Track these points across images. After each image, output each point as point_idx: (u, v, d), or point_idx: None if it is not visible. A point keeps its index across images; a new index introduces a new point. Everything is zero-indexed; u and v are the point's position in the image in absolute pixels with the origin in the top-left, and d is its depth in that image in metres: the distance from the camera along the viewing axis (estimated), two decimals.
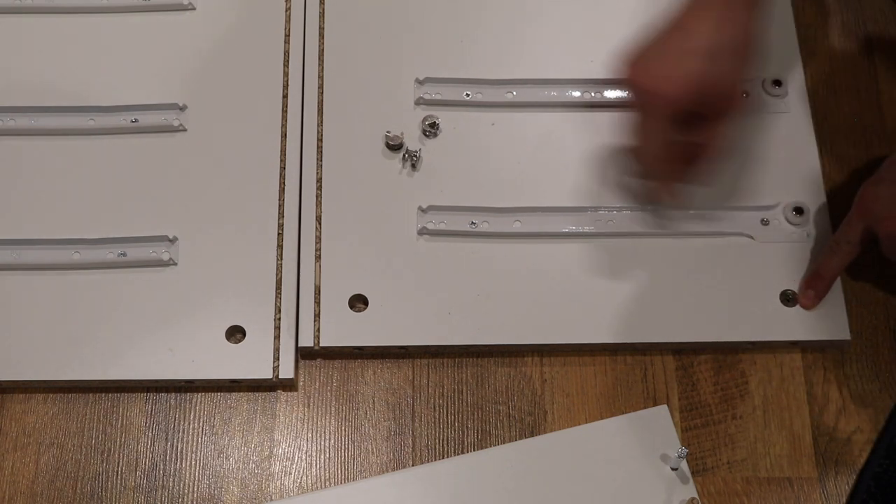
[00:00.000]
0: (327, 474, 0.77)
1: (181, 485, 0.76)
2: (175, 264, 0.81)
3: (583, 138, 0.86)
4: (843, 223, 0.79)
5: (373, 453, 0.77)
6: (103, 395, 0.79)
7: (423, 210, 0.83)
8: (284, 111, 0.86)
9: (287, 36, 0.89)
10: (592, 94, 0.87)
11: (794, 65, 0.89)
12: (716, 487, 0.77)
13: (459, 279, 0.81)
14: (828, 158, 0.86)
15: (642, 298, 0.80)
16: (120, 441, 0.77)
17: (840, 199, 0.84)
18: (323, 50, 0.89)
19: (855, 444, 0.78)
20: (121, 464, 0.77)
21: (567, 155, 0.85)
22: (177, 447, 0.77)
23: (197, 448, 0.77)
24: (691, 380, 0.80)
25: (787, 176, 0.85)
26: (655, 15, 0.90)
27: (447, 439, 0.78)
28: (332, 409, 0.79)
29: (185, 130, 0.86)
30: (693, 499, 0.75)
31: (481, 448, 0.77)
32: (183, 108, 0.86)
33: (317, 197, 0.83)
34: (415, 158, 0.83)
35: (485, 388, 0.79)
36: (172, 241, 0.81)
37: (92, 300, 0.80)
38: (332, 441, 0.78)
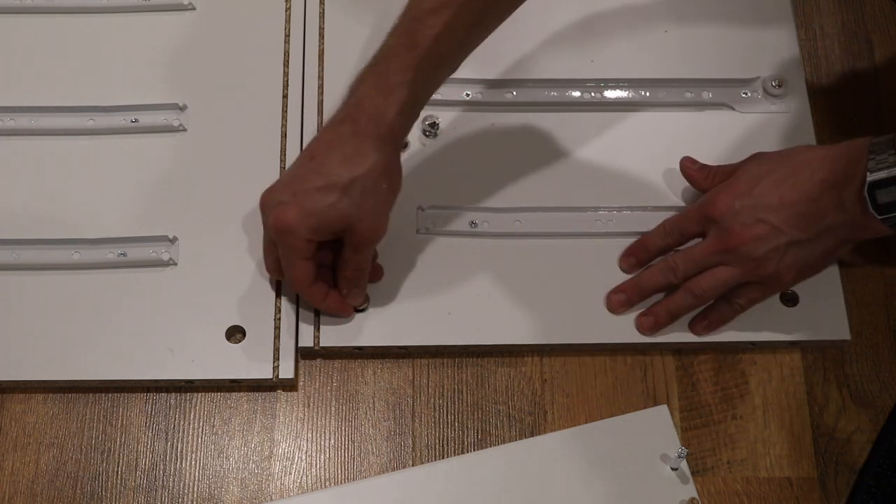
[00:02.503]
0: (327, 474, 0.77)
1: (181, 485, 0.76)
2: (175, 264, 0.81)
3: (583, 138, 0.86)
4: (683, 216, 0.79)
5: (373, 453, 0.77)
6: (103, 395, 0.79)
7: (423, 210, 0.83)
8: (284, 111, 0.86)
9: (287, 36, 0.89)
10: (592, 94, 0.87)
11: (794, 65, 0.89)
12: (716, 487, 0.77)
13: (459, 279, 0.81)
14: None
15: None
16: (120, 441, 0.77)
17: None
18: (323, 50, 0.89)
19: (855, 444, 0.78)
20: (121, 464, 0.77)
21: (567, 155, 0.85)
22: (177, 447, 0.77)
23: (197, 448, 0.77)
24: (691, 380, 0.80)
25: None
26: (655, 15, 0.91)
27: (447, 439, 0.78)
28: (332, 409, 0.79)
29: (185, 130, 0.86)
30: (693, 499, 0.75)
31: (481, 448, 0.77)
32: (183, 108, 0.86)
33: None
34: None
35: (485, 388, 0.79)
36: (172, 241, 0.81)
37: (92, 300, 0.80)
38: (332, 441, 0.78)
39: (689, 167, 0.82)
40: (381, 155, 0.71)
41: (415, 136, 0.85)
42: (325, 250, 0.75)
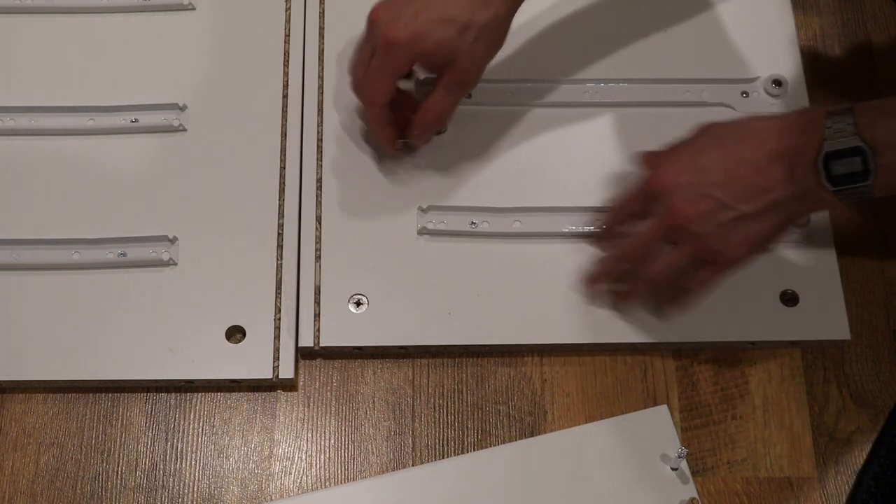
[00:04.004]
0: (327, 474, 0.77)
1: (181, 485, 0.76)
2: (175, 264, 0.81)
3: (583, 138, 0.86)
4: (627, 197, 0.76)
5: (373, 453, 0.77)
6: (103, 395, 0.79)
7: (423, 210, 0.83)
8: (284, 111, 0.86)
9: (287, 36, 0.89)
10: (592, 95, 0.87)
11: (794, 65, 0.89)
12: (716, 487, 0.77)
13: (459, 279, 0.81)
14: None
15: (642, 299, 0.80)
16: (120, 441, 0.77)
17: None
18: (323, 50, 0.89)
19: (855, 444, 0.78)
20: (121, 464, 0.77)
21: (567, 155, 0.85)
22: (177, 447, 0.77)
23: (197, 448, 0.77)
24: (691, 380, 0.80)
25: None
26: (655, 15, 0.91)
27: (447, 439, 0.78)
28: (332, 409, 0.79)
29: (185, 130, 0.86)
30: (693, 499, 0.75)
31: (481, 448, 0.77)
32: (183, 108, 0.86)
33: (317, 197, 0.83)
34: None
35: (485, 388, 0.79)
36: (172, 241, 0.81)
37: (92, 300, 0.80)
38: (332, 441, 0.78)
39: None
40: (504, 8, 0.75)
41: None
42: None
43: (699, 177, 0.71)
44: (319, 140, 0.85)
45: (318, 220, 0.83)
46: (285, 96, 0.87)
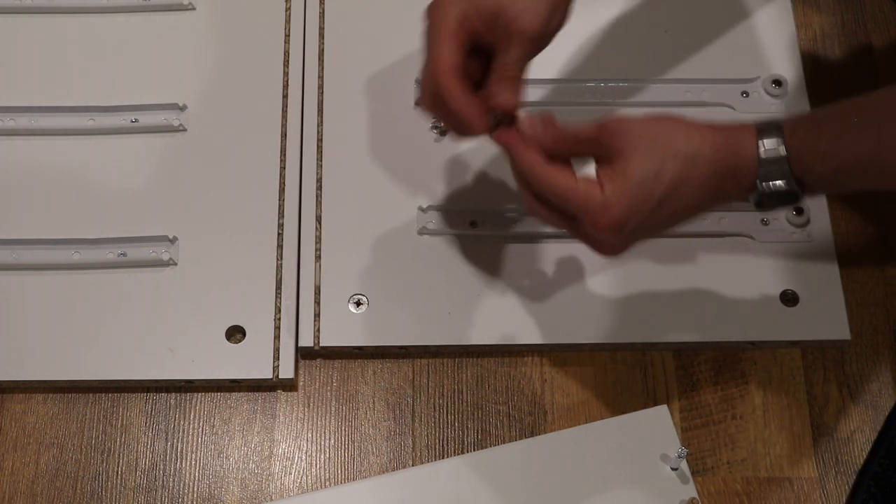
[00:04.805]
0: (327, 474, 0.77)
1: (181, 485, 0.76)
2: (175, 264, 0.81)
3: None
4: (566, 190, 0.67)
5: (373, 453, 0.77)
6: (103, 395, 0.79)
7: (423, 210, 0.83)
8: (284, 111, 0.86)
9: (287, 36, 0.89)
10: (592, 94, 0.87)
11: (794, 65, 0.89)
12: (716, 487, 0.77)
13: (459, 279, 0.81)
14: None
15: (642, 298, 0.80)
16: (120, 441, 0.77)
17: (840, 199, 0.84)
18: (323, 50, 0.89)
19: (855, 444, 0.78)
20: (121, 464, 0.77)
21: None
22: (177, 447, 0.77)
23: (197, 448, 0.77)
24: (691, 380, 0.80)
25: None
26: (655, 15, 0.91)
27: (447, 439, 0.78)
28: (332, 409, 0.79)
29: (185, 130, 0.86)
30: (693, 499, 0.75)
31: (481, 448, 0.77)
32: (183, 108, 0.86)
33: (317, 197, 0.83)
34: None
35: (485, 388, 0.79)
36: (172, 241, 0.81)
37: (92, 300, 0.80)
38: (332, 441, 0.78)
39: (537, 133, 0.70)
40: None
41: (426, 135, 0.85)
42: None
43: (649, 226, 0.68)
44: (319, 140, 0.85)
45: (318, 220, 0.83)
46: (285, 96, 0.87)
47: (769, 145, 0.66)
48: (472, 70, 0.71)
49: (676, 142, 0.67)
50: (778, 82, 0.87)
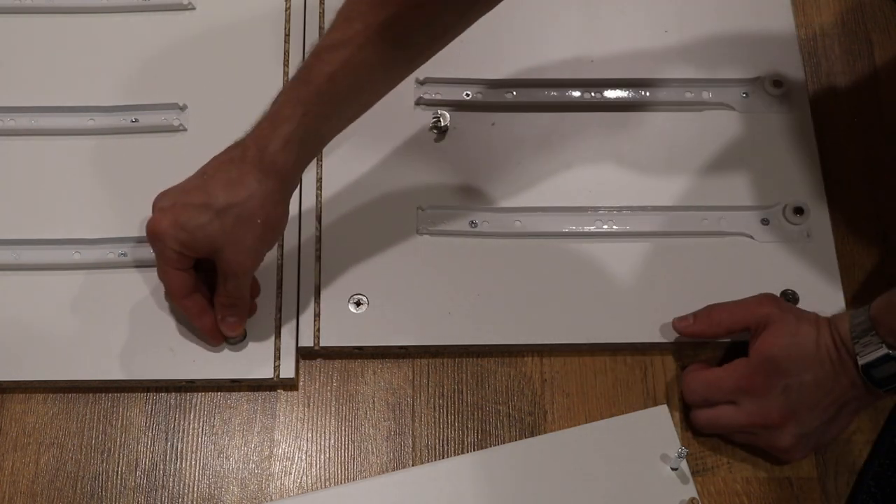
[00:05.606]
0: (327, 474, 0.77)
1: (181, 485, 0.76)
2: None
3: (583, 138, 0.86)
4: (735, 309, 0.77)
5: (373, 453, 0.77)
6: (103, 395, 0.79)
7: (422, 210, 0.83)
8: None
9: (287, 36, 0.89)
10: (592, 95, 0.88)
11: (794, 65, 0.89)
12: (716, 487, 0.77)
13: (459, 279, 0.81)
14: (828, 158, 0.86)
15: (642, 298, 0.80)
16: (120, 441, 0.77)
17: (840, 199, 0.84)
18: None
19: (855, 444, 0.78)
20: (121, 464, 0.77)
21: (567, 155, 0.85)
22: (177, 447, 0.77)
23: (197, 448, 0.77)
24: None
25: (787, 176, 0.85)
26: (655, 15, 0.91)
27: (447, 439, 0.78)
28: (332, 409, 0.79)
29: (185, 130, 0.86)
30: (693, 499, 0.75)
31: (481, 448, 0.77)
32: (183, 108, 0.86)
33: (317, 197, 0.83)
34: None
35: (485, 388, 0.79)
36: None
37: (92, 300, 0.80)
38: (332, 441, 0.78)
39: (680, 325, 0.78)
40: (261, 187, 0.69)
41: (426, 135, 0.85)
42: (212, 272, 0.74)
43: (800, 427, 0.73)
44: None
45: (318, 220, 0.83)
46: None
47: (857, 320, 0.72)
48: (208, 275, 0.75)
49: None
50: (778, 82, 0.87)
